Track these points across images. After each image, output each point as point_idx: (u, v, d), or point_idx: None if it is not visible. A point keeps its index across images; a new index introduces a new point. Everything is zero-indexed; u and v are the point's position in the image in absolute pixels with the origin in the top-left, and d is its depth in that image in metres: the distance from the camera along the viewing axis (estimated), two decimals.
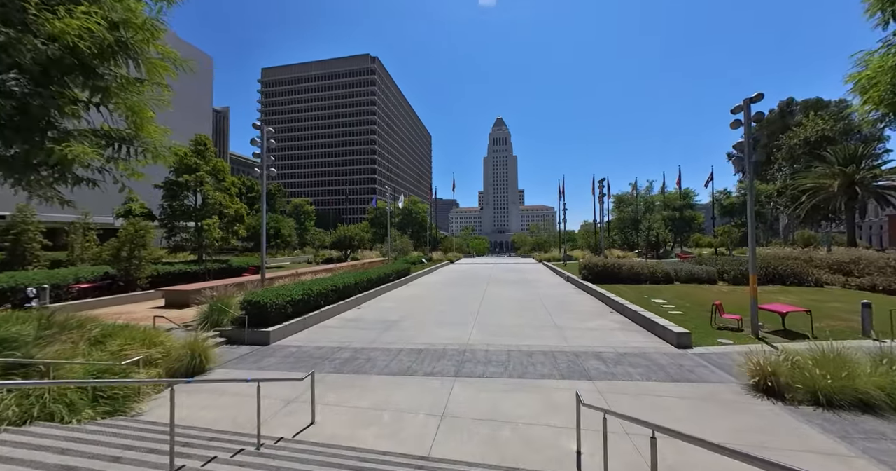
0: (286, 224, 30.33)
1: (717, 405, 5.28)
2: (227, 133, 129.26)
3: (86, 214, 16.71)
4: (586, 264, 19.47)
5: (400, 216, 56.69)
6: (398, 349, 8.28)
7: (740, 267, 16.43)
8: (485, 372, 6.77)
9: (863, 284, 13.76)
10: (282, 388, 5.88)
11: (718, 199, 44.24)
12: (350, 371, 6.89)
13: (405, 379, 6.46)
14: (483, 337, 9.29)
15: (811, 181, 30.64)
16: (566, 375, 6.60)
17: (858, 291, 13.58)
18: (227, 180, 20.96)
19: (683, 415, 4.98)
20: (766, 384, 5.60)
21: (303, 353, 8.07)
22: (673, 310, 11.74)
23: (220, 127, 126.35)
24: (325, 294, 11.91)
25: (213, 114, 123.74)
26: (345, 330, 10.21)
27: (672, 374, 6.58)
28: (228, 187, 21.18)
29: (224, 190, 21.13)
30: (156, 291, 13.64)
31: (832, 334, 8.67)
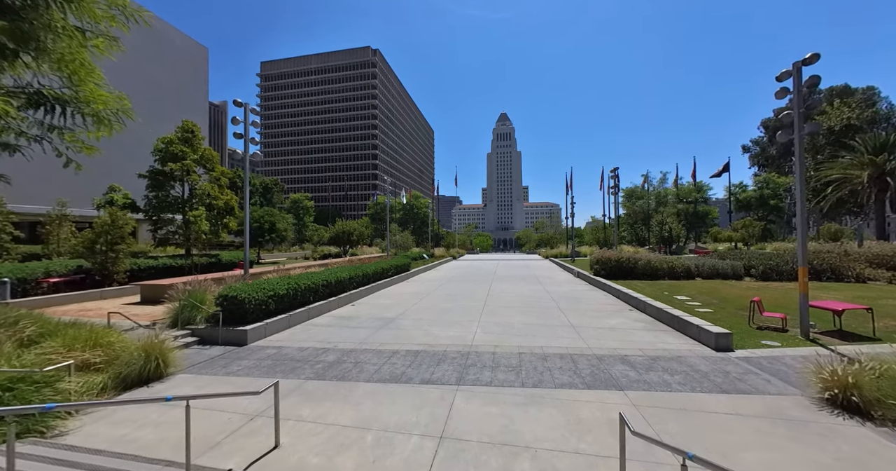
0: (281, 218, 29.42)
1: (788, 427, 4.24)
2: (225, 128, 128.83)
3: (62, 204, 15.89)
4: (598, 259, 18.39)
5: (401, 212, 55.77)
6: (392, 351, 7.30)
7: (769, 261, 15.26)
8: (493, 379, 5.77)
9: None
10: (248, 398, 4.91)
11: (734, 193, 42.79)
12: (333, 377, 5.92)
13: (397, 388, 5.47)
14: (489, 337, 8.29)
15: (837, 172, 29.18)
16: (591, 383, 5.58)
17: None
18: (216, 170, 20.05)
19: (751, 440, 3.94)
20: (845, 399, 4.55)
21: (282, 355, 7.12)
22: (700, 307, 10.66)
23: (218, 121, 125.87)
24: (314, 289, 10.97)
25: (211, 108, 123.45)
26: (334, 329, 9.26)
27: (719, 383, 5.54)
28: (218, 177, 20.28)
29: (214, 180, 20.26)
30: (134, 287, 12.78)
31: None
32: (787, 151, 47.70)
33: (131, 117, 5.68)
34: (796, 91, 7.83)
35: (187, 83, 47.27)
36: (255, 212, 26.66)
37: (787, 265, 14.76)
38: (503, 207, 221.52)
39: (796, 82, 7.81)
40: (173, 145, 18.01)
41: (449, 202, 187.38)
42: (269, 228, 26.39)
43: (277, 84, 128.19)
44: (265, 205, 48.72)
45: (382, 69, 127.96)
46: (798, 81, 7.78)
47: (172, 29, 47.79)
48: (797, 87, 7.80)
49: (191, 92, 47.58)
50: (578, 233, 58.98)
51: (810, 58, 7.42)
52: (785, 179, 40.86)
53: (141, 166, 18.90)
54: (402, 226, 51.14)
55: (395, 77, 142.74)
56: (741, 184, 44.55)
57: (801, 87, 7.75)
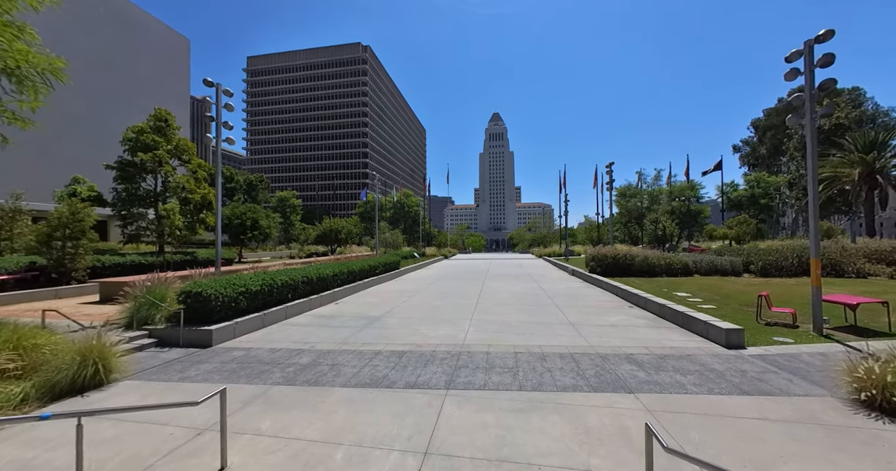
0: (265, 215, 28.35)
1: (826, 433, 3.72)
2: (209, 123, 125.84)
3: (17, 196, 14.72)
4: (594, 256, 18.00)
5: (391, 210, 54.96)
6: (374, 352, 6.63)
7: (768, 257, 15.05)
8: (486, 382, 5.15)
9: None
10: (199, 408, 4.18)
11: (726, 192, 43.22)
12: (305, 382, 5.22)
13: (378, 393, 4.81)
14: (482, 336, 7.68)
15: (828, 171, 29.53)
16: (596, 386, 5.01)
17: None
18: (192, 162, 19.02)
19: (788, 450, 3.40)
20: (885, 401, 4.06)
21: (250, 357, 6.38)
22: (702, 304, 10.25)
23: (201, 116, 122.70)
24: (292, 286, 10.20)
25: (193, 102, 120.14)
26: (313, 328, 8.54)
27: (738, 383, 5.03)
28: (195, 170, 19.24)
29: (190, 173, 19.23)
30: (94, 286, 11.79)
31: None
32: (776, 151, 48.52)
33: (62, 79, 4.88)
34: (808, 71, 7.45)
35: (166, 75, 45.63)
36: (236, 208, 25.59)
37: (786, 261, 14.57)
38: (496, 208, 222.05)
39: (808, 62, 7.43)
40: (144, 135, 16.95)
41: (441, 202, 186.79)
42: (251, 225, 25.31)
43: (264, 79, 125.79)
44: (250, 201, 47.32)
45: (373, 66, 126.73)
46: (810, 61, 7.40)
47: (151, 18, 46.13)
48: (808, 67, 7.42)
49: (170, 84, 45.93)
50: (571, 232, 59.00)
51: (824, 34, 7.04)
52: (775, 179, 41.44)
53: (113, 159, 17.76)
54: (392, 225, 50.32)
55: (386, 74, 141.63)
56: (732, 183, 45.07)
57: (812, 66, 7.37)
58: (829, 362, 5.80)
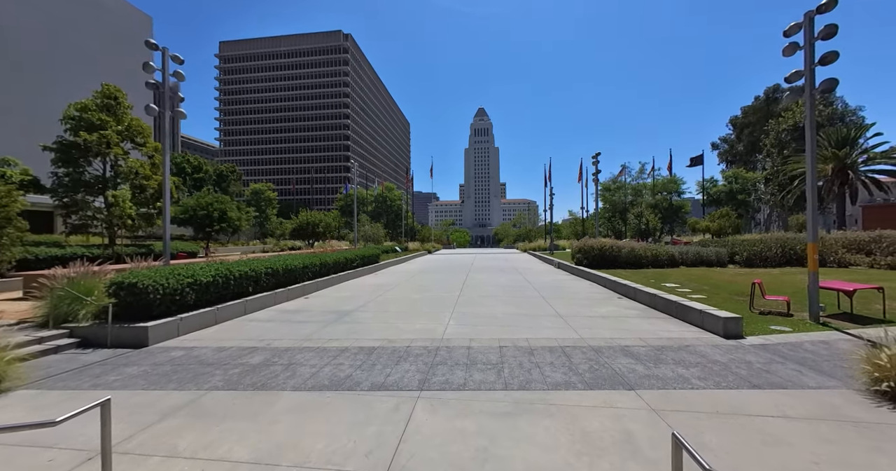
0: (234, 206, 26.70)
1: (859, 432, 3.24)
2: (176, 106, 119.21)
3: None
4: (580, 248, 17.70)
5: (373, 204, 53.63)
6: (340, 349, 5.84)
7: (753, 247, 15.13)
8: (467, 381, 4.47)
9: (894, 262, 12.69)
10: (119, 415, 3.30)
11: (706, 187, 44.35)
12: (250, 386, 4.39)
13: (336, 398, 4.05)
14: (464, 330, 7.02)
15: (803, 166, 30.50)
16: (592, 382, 4.42)
17: (891, 270, 12.52)
18: (148, 145, 17.39)
19: (822, 455, 2.89)
20: None
21: (191, 358, 5.47)
22: (692, 294, 9.96)
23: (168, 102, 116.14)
24: (253, 278, 9.22)
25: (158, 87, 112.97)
26: (274, 324, 7.65)
27: (745, 376, 4.56)
28: (151, 154, 17.63)
29: (147, 158, 17.61)
30: (20, 280, 10.37)
31: None
32: (753, 148, 50.20)
33: None
34: (808, 45, 7.09)
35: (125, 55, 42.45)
36: (202, 198, 23.89)
37: (770, 251, 14.68)
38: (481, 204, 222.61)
39: (808, 35, 7.08)
40: (89, 113, 15.26)
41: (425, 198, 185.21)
42: (219, 216, 23.69)
43: (238, 67, 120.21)
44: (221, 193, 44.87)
45: (355, 56, 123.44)
46: (810, 34, 7.04)
47: None
48: (809, 40, 7.06)
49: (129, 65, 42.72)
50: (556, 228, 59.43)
51: (826, 3, 6.68)
52: (753, 175, 42.81)
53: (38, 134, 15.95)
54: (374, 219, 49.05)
55: (368, 65, 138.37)
56: (712, 179, 46.34)
57: (813, 39, 7.02)
58: (834, 350, 5.47)
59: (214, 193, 27.62)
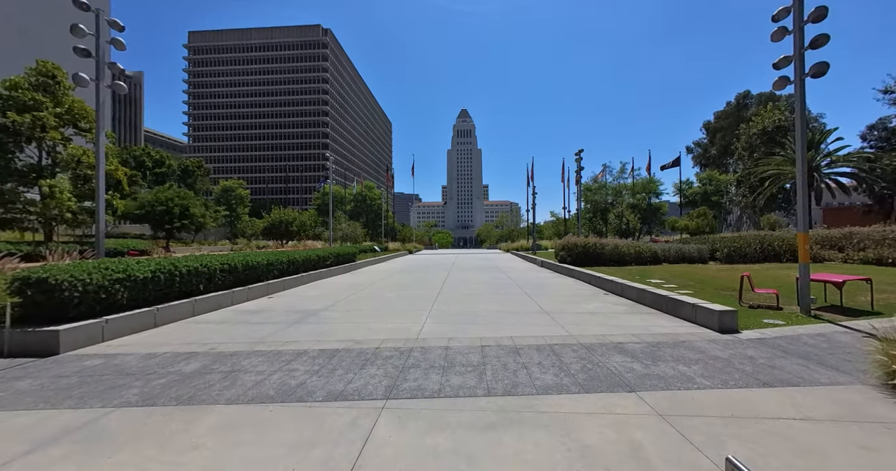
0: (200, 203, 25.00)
1: (893, 436, 2.82)
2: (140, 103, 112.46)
3: None
4: (564, 245, 17.47)
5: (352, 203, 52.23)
6: (297, 352, 5.06)
7: (734, 244, 15.33)
8: (442, 387, 3.83)
9: (867, 257, 13.11)
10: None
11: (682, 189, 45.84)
12: (173, 400, 3.57)
13: (280, 412, 3.30)
14: (442, 328, 6.38)
15: (773, 168, 31.94)
16: (587, 384, 3.88)
17: (864, 264, 12.88)
18: (94, 131, 15.78)
19: (864, 467, 2.42)
20: None
21: (109, 367, 4.54)
22: (678, 290, 9.74)
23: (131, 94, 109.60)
24: (206, 275, 8.22)
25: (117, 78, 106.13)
26: (226, 326, 6.74)
27: (751, 373, 4.16)
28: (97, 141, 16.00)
29: (91, 145, 15.97)
30: None
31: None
32: (725, 152, 52.43)
33: None
34: (797, 28, 6.94)
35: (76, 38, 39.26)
36: (161, 192, 22.14)
37: (749, 248, 14.92)
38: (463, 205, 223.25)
39: (797, 17, 6.93)
40: (21, 91, 13.61)
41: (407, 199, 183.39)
42: (180, 212, 22.01)
43: (209, 58, 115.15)
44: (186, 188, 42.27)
45: (334, 51, 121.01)
46: (800, 16, 6.90)
47: None
48: (798, 23, 6.92)
49: None
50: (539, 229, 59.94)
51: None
52: (726, 177, 44.59)
53: None
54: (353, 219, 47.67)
55: (349, 62, 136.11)
56: (687, 181, 47.94)
57: (802, 23, 6.87)
58: (834, 343, 5.20)
59: (177, 189, 25.74)
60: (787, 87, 7.23)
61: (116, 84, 9.16)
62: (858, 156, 30.61)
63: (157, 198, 21.91)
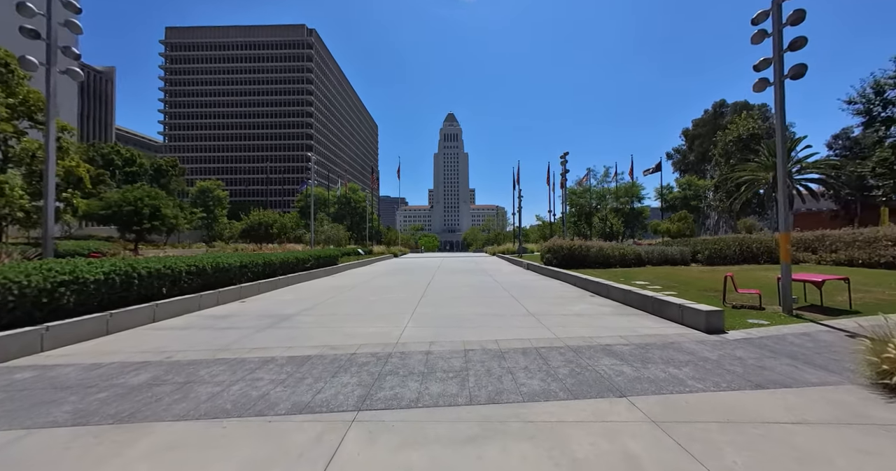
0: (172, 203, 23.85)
1: (892, 439, 2.70)
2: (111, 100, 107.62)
3: None
4: (550, 248, 17.46)
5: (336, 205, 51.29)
6: (264, 360, 4.65)
7: (714, 246, 15.67)
8: (420, 395, 3.52)
9: (839, 258, 13.58)
10: None
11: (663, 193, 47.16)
12: (110, 417, 3.13)
13: (235, 427, 2.92)
14: (424, 332, 6.07)
15: (748, 174, 33.19)
16: (575, 389, 3.65)
17: (836, 265, 13.33)
18: None
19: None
20: None
21: (41, 380, 4.02)
22: (663, 291, 9.75)
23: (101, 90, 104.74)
24: (169, 278, 7.65)
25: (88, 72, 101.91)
26: (189, 332, 6.23)
27: (742, 374, 4.03)
28: (58, 135, 15.00)
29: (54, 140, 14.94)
30: None
31: (878, 308, 7.18)
32: (703, 158, 54.35)
33: None
34: (776, 31, 7.08)
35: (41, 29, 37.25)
36: (129, 191, 20.98)
37: (729, 250, 15.28)
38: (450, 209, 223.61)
39: (776, 20, 7.06)
40: None
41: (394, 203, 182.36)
42: (150, 213, 20.89)
43: (188, 55, 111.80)
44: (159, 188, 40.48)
45: (319, 52, 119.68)
46: (778, 19, 7.04)
47: None
48: (777, 26, 7.05)
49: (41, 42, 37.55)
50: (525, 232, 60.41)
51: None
52: (704, 182, 46.14)
53: None
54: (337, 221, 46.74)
55: (334, 63, 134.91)
56: (668, 186, 49.34)
57: (781, 26, 7.01)
58: (819, 342, 5.18)
59: (148, 188, 24.49)
60: (766, 88, 7.35)
61: (72, 70, 8.52)
62: (826, 163, 32.19)
63: (124, 197, 20.73)
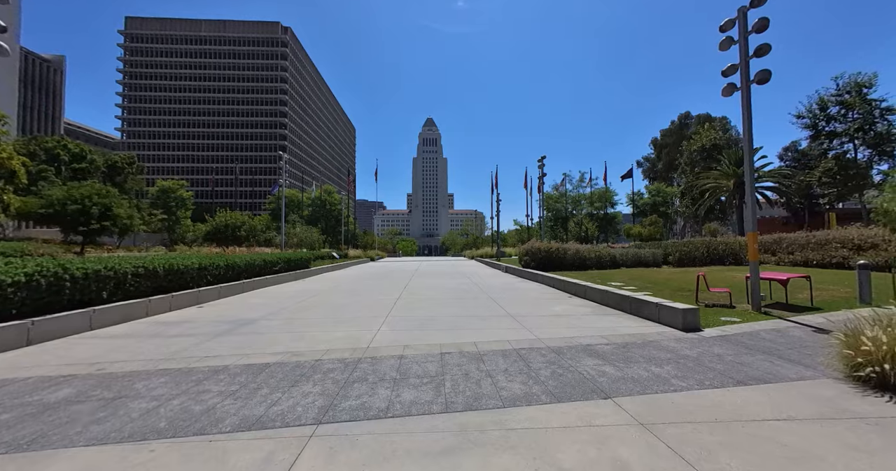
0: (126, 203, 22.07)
1: (877, 433, 2.67)
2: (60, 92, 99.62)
3: None
4: (528, 251, 17.54)
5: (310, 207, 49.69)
6: (214, 369, 4.14)
7: (684, 248, 16.28)
8: (391, 404, 3.18)
9: (795, 259, 14.43)
10: None
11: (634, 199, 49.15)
12: (3, 445, 2.56)
13: (166, 450, 2.47)
14: (398, 336, 5.72)
15: (711, 181, 35.18)
16: (558, 392, 3.44)
17: (793, 266, 14.15)
18: None
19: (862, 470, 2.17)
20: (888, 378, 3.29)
21: None
22: (638, 291, 9.89)
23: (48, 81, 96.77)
24: (112, 280, 6.86)
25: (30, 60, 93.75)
26: (131, 340, 5.54)
27: (723, 371, 3.98)
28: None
29: None
30: None
31: (836, 304, 7.53)
32: (671, 166, 57.23)
33: None
34: (742, 39, 7.38)
35: None
36: (75, 189, 19.20)
37: (698, 252, 15.96)
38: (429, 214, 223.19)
39: (742, 29, 7.37)
40: None
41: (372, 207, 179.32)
42: (100, 213, 19.19)
43: (150, 48, 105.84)
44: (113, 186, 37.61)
45: (295, 51, 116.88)
46: (744, 27, 7.34)
47: None
48: (743, 33, 7.35)
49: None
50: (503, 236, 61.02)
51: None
52: (672, 189, 48.49)
53: None
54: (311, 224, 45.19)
55: (310, 63, 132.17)
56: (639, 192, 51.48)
57: (747, 33, 7.31)
58: (790, 338, 5.29)
59: (98, 186, 22.57)
60: (734, 93, 7.63)
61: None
62: (779, 173, 34.71)
63: (69, 195, 18.91)
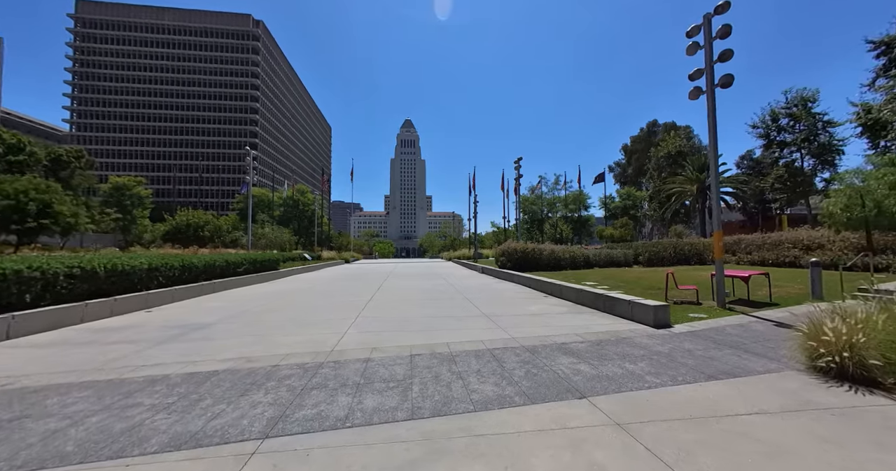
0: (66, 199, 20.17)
1: (844, 424, 2.69)
2: None
3: None
4: (504, 251, 17.59)
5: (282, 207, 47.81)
6: (151, 379, 3.67)
7: (653, 249, 16.89)
8: (351, 412, 2.89)
9: (753, 259, 15.32)
10: None
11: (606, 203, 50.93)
12: None
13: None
14: (366, 337, 5.40)
15: (677, 186, 37.02)
16: (532, 392, 3.27)
17: (752, 265, 15.00)
18: None
19: (835, 464, 2.12)
20: (858, 367, 3.38)
21: None
22: (611, 290, 10.05)
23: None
24: (40, 282, 6.09)
25: None
26: (58, 350, 4.89)
27: (694, 366, 3.98)
28: None
29: None
30: None
31: (791, 300, 7.92)
32: (640, 172, 59.83)
33: None
34: (707, 43, 7.66)
35: None
36: (9, 182, 17.34)
37: (665, 252, 16.61)
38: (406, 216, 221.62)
39: (707, 34, 7.66)
40: None
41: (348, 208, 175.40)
42: (37, 210, 17.42)
43: (105, 35, 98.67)
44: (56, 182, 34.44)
45: (267, 45, 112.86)
46: (709, 33, 7.63)
47: None
48: (708, 39, 7.64)
49: None
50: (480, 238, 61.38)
51: (722, 5, 7.27)
52: (641, 193, 50.67)
53: None
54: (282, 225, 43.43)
55: (284, 59, 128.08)
56: (610, 196, 53.45)
57: (712, 39, 7.61)
58: (753, 332, 5.45)
59: (36, 180, 20.50)
60: (700, 96, 7.91)
61: None
62: (736, 179, 37.06)
63: (13, 189, 17.08)
